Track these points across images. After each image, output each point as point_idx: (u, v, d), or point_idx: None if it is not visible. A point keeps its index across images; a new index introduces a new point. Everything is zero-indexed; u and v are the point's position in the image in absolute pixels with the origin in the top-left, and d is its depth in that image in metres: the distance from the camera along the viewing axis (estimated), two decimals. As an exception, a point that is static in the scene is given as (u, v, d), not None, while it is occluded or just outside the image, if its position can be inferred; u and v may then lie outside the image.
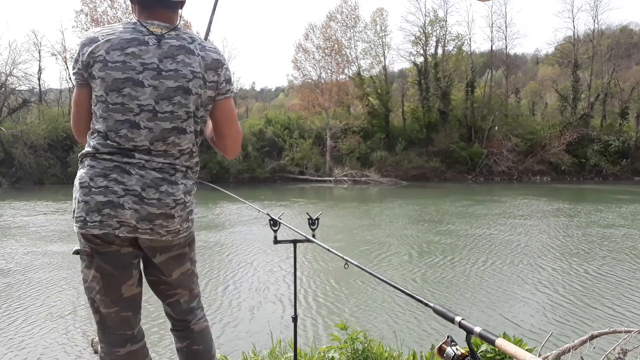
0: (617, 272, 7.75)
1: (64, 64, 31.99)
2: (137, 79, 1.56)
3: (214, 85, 1.68)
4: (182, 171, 1.68)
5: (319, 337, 5.09)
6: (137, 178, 1.58)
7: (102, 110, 1.58)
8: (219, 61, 1.68)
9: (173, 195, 1.62)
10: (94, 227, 1.57)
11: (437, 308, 1.33)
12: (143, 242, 1.66)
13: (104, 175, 1.57)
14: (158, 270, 1.77)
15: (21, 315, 5.79)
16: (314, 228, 2.38)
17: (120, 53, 1.55)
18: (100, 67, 1.55)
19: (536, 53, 50.96)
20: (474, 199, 20.21)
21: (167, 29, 1.62)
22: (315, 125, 32.72)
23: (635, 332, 2.75)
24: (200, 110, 1.68)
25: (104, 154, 1.58)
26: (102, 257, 1.63)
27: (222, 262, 8.66)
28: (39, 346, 4.89)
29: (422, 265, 8.44)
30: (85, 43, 1.59)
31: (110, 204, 1.55)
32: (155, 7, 1.63)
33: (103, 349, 1.73)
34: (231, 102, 1.76)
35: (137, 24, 1.61)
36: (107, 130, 1.58)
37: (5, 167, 27.13)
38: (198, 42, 1.67)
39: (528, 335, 4.89)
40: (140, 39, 1.58)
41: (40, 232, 11.82)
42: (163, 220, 1.61)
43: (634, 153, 30.44)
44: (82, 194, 1.58)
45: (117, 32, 1.58)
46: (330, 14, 34.20)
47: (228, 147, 1.81)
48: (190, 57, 1.61)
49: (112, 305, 1.68)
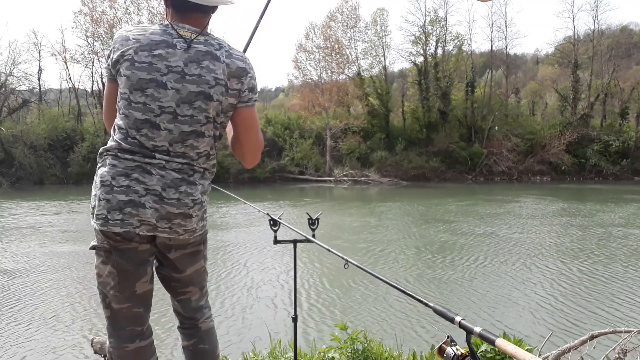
0: (618, 272, 7.75)
1: (64, 64, 32.03)
2: (160, 80, 1.59)
3: (236, 93, 1.69)
4: (200, 172, 1.71)
5: (319, 337, 5.09)
6: (158, 178, 1.61)
7: (124, 107, 1.62)
8: (244, 69, 1.69)
9: (192, 196, 1.67)
10: (116, 225, 1.60)
11: (437, 308, 1.33)
12: (160, 240, 1.69)
13: (125, 174, 1.60)
14: (171, 267, 1.80)
15: (21, 316, 5.79)
16: (314, 228, 2.38)
17: (147, 54, 1.59)
18: (127, 66, 1.59)
19: (536, 53, 51.01)
20: (474, 198, 20.22)
21: (197, 33, 1.64)
22: (315, 125, 32.72)
23: (635, 332, 2.75)
24: (221, 117, 1.70)
25: (126, 153, 1.62)
26: (120, 254, 1.65)
27: (222, 262, 8.65)
28: (38, 346, 4.89)
29: (422, 265, 8.44)
30: (117, 41, 1.64)
31: (132, 203, 1.59)
32: (188, 11, 1.65)
33: (112, 343, 1.75)
34: (253, 111, 1.76)
35: (169, 26, 1.64)
36: (127, 127, 1.62)
37: (5, 167, 27.15)
38: (225, 48, 1.68)
39: (528, 335, 4.89)
40: (169, 42, 1.61)
41: (50, 232, 11.82)
42: (181, 219, 1.66)
43: (634, 153, 30.42)
44: (104, 192, 1.60)
45: (148, 33, 1.62)
46: (331, 13, 34.24)
47: (245, 155, 1.82)
48: (215, 63, 1.63)
49: (124, 301, 1.70)
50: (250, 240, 10.67)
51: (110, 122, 1.77)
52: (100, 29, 29.47)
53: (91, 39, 29.96)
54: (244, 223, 13.21)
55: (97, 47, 30.16)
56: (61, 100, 35.04)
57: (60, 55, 31.21)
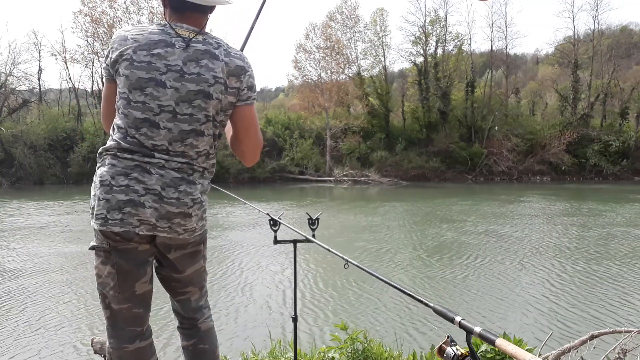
0: (618, 272, 7.75)
1: (63, 64, 32.04)
2: (160, 79, 1.59)
3: (235, 92, 1.69)
4: (199, 171, 1.71)
5: (319, 337, 5.09)
6: (157, 177, 1.61)
7: (123, 106, 1.62)
8: (243, 68, 1.70)
9: (191, 195, 1.67)
10: (115, 225, 1.60)
11: (437, 308, 1.33)
12: (160, 240, 1.69)
13: (125, 174, 1.60)
14: (171, 267, 1.80)
15: (21, 316, 5.79)
16: (314, 228, 2.38)
17: (146, 53, 1.59)
18: (126, 66, 1.59)
19: (536, 53, 51.02)
20: (474, 198, 20.22)
21: (195, 32, 1.64)
22: (315, 125, 32.73)
23: (635, 332, 2.75)
24: (220, 115, 1.70)
25: (125, 152, 1.61)
26: (119, 254, 1.65)
27: (222, 261, 8.65)
28: (38, 346, 4.89)
29: (422, 264, 8.44)
30: (115, 41, 1.64)
31: (131, 203, 1.59)
32: (187, 11, 1.66)
33: (112, 344, 1.75)
34: (252, 110, 1.76)
35: (167, 26, 1.64)
36: (127, 127, 1.62)
37: (5, 167, 27.15)
38: (224, 47, 1.68)
39: (528, 335, 4.89)
40: (168, 41, 1.61)
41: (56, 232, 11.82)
42: (181, 219, 1.66)
43: (634, 153, 30.42)
44: (104, 192, 1.60)
45: (146, 32, 1.62)
46: (330, 14, 34.28)
47: (245, 154, 1.82)
48: (214, 62, 1.64)
49: (124, 301, 1.70)
50: (250, 240, 10.67)
51: (108, 122, 1.76)
52: (100, 29, 29.49)
53: (91, 39, 30.01)
54: (243, 223, 13.21)
55: (97, 47, 30.18)
56: (61, 100, 35.05)
57: (60, 55, 31.27)
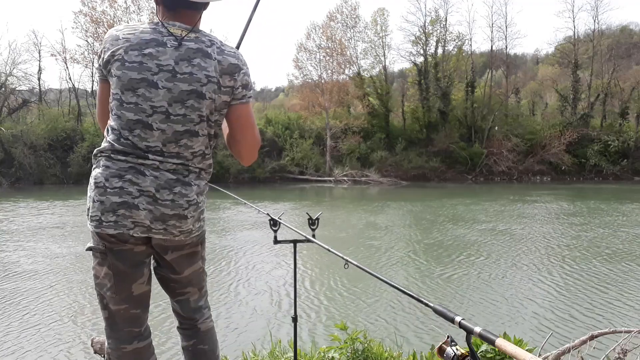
0: (618, 272, 7.75)
1: (63, 64, 32.04)
2: (151, 80, 1.56)
3: (229, 90, 1.65)
4: (195, 172, 1.68)
5: (319, 337, 5.09)
6: (152, 179, 1.59)
7: (116, 108, 1.60)
8: (237, 66, 1.66)
9: (186, 197, 1.64)
10: (109, 227, 1.59)
11: (437, 308, 1.33)
12: (156, 242, 1.68)
13: (119, 176, 1.58)
14: (169, 268, 1.78)
15: (21, 316, 5.79)
16: (314, 228, 2.38)
17: (138, 53, 1.56)
18: (118, 66, 1.57)
19: (536, 53, 51.06)
20: (474, 198, 20.21)
21: (187, 30, 1.61)
22: (315, 125, 32.73)
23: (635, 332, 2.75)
24: (215, 115, 1.67)
25: (119, 154, 1.59)
26: (115, 255, 1.65)
27: (222, 262, 8.65)
28: (38, 346, 4.89)
29: (422, 265, 8.44)
30: (107, 40, 1.61)
31: (125, 205, 1.57)
32: (179, 8, 1.62)
33: (110, 345, 1.74)
34: (248, 108, 1.72)
35: (159, 24, 1.61)
36: (120, 128, 1.60)
37: (5, 167, 27.12)
38: (217, 45, 1.65)
39: (528, 335, 4.89)
40: (159, 40, 1.58)
41: (55, 232, 11.82)
42: (176, 220, 1.63)
43: (634, 153, 30.42)
44: (98, 194, 1.59)
45: (138, 32, 1.59)
46: (331, 14, 34.25)
47: (242, 153, 1.79)
48: (207, 60, 1.60)
49: (121, 302, 1.69)
50: (250, 240, 10.67)
51: (104, 123, 1.74)
52: (100, 29, 29.47)
53: (91, 39, 29.98)
54: (243, 223, 13.21)
55: (97, 47, 30.11)
56: (61, 100, 35.04)
57: (60, 55, 31.28)
